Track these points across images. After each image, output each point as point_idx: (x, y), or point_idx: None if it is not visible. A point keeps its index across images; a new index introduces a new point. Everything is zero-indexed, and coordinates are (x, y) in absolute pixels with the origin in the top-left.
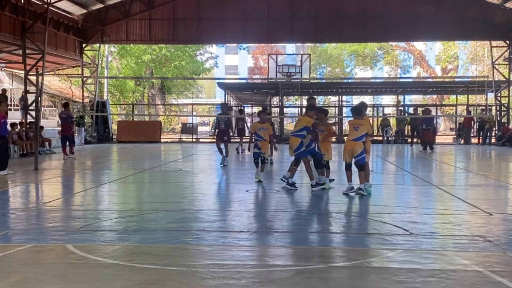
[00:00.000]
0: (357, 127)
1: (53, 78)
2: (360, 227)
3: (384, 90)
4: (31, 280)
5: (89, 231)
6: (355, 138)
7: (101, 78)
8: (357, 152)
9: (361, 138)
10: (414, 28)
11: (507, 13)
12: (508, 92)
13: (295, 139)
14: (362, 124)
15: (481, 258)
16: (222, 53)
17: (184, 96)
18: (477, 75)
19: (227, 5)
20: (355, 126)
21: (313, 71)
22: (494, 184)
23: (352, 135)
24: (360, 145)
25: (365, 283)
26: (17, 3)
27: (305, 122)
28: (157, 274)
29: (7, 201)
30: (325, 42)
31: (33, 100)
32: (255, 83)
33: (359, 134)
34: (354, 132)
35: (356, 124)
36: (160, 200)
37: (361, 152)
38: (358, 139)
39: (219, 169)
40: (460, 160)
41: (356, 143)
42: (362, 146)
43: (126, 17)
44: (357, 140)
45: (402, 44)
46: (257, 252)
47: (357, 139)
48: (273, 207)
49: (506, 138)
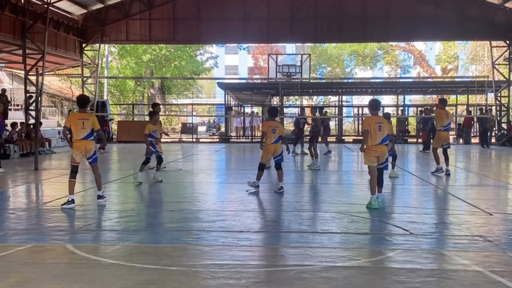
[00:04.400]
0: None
1: (53, 78)
2: (360, 227)
3: (384, 90)
4: (31, 280)
5: (89, 231)
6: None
7: (101, 78)
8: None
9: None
10: (414, 28)
11: (507, 13)
12: (508, 92)
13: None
14: (383, 122)
15: (481, 258)
16: (222, 53)
17: (184, 96)
18: (477, 75)
19: (227, 5)
20: (379, 125)
21: (313, 71)
22: (494, 184)
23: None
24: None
25: (365, 283)
26: (17, 3)
27: (389, 130)
28: (157, 274)
29: (7, 201)
30: (325, 42)
31: (33, 100)
32: (255, 83)
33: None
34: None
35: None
36: (160, 200)
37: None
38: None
39: (219, 169)
40: (460, 160)
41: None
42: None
43: (126, 17)
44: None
45: (402, 44)
46: (257, 252)
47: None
48: (273, 207)
49: (506, 138)
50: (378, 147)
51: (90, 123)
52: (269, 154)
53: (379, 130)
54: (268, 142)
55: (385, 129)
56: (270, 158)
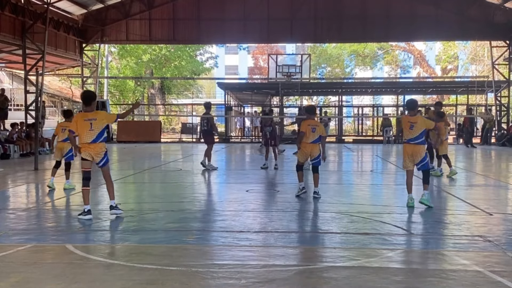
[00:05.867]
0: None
1: (53, 78)
2: (360, 227)
3: (384, 90)
4: (31, 280)
5: (89, 231)
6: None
7: (101, 78)
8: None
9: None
10: (414, 28)
11: (507, 13)
12: (508, 92)
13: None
14: (416, 122)
15: (481, 258)
16: (222, 53)
17: (184, 96)
18: (477, 75)
19: (227, 5)
20: (412, 124)
21: (313, 71)
22: (494, 184)
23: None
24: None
25: (365, 283)
26: (17, 3)
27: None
28: (157, 274)
29: (7, 201)
30: (325, 42)
31: (33, 100)
32: (255, 83)
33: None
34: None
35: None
36: (160, 200)
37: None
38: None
39: (219, 169)
40: (460, 160)
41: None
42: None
43: (126, 17)
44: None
45: (402, 44)
46: (257, 252)
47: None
48: (273, 207)
49: (506, 138)
50: (309, 145)
51: (99, 122)
52: (306, 154)
53: (313, 131)
54: (306, 141)
55: (318, 131)
56: (307, 158)
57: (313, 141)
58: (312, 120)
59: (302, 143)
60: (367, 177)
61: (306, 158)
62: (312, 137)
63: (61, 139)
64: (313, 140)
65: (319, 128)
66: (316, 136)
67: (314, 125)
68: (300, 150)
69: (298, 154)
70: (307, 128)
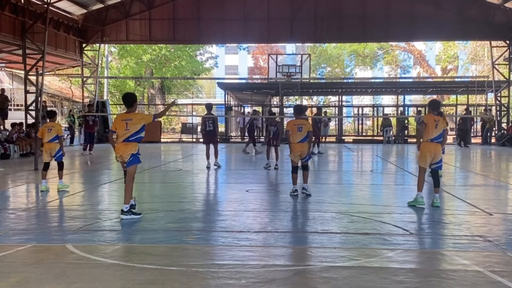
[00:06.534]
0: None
1: (53, 78)
2: (360, 227)
3: (384, 90)
4: (31, 280)
5: (89, 231)
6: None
7: (101, 78)
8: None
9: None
10: (414, 28)
11: (507, 13)
12: (508, 92)
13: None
14: (439, 120)
15: (481, 258)
16: (222, 53)
17: (184, 96)
18: (477, 75)
19: (227, 5)
20: (437, 123)
21: (313, 71)
22: (494, 184)
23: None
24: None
25: (365, 283)
26: (17, 3)
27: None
28: (157, 274)
29: (7, 201)
30: (325, 42)
31: (33, 100)
32: (255, 83)
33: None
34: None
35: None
36: (160, 200)
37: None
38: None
39: (219, 169)
40: (459, 160)
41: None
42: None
43: (126, 17)
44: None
45: (402, 44)
46: (257, 252)
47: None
48: (273, 207)
49: (506, 138)
50: (298, 145)
51: (135, 123)
52: (296, 154)
53: (299, 130)
54: (293, 141)
55: (305, 129)
56: (298, 158)
57: (301, 140)
58: (298, 120)
59: (291, 144)
60: (367, 177)
61: (298, 158)
62: (299, 136)
63: (47, 139)
64: (301, 139)
65: (306, 127)
66: (303, 135)
67: (301, 124)
68: (290, 151)
69: (290, 155)
70: (292, 127)
